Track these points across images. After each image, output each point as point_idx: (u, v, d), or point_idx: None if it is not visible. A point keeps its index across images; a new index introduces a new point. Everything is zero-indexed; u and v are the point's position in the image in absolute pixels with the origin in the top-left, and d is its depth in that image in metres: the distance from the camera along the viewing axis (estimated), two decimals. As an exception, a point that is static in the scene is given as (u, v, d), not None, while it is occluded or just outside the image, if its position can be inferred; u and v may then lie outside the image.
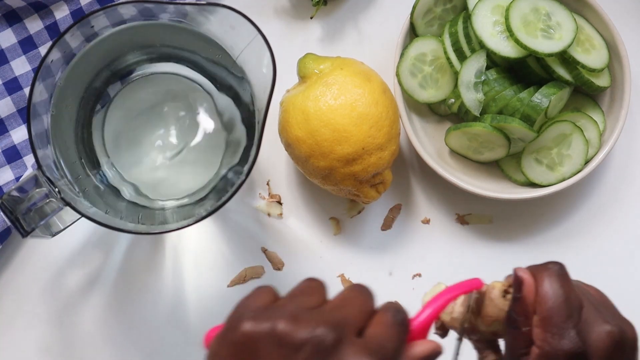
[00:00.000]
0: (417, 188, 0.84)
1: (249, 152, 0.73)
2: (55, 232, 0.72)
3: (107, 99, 0.75)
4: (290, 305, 0.51)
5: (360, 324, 0.51)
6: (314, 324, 0.49)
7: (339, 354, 0.49)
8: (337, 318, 0.50)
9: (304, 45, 0.83)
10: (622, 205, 0.84)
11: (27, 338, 0.82)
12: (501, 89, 0.78)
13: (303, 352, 0.48)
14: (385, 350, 0.50)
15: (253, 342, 0.49)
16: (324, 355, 0.49)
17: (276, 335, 0.49)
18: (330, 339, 0.49)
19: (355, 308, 0.52)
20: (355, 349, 0.49)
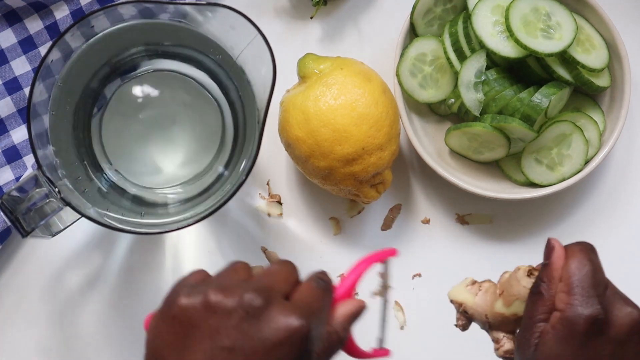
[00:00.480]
0: (417, 188, 0.84)
1: (248, 152, 0.73)
2: (55, 232, 0.72)
3: (103, 101, 0.75)
4: (219, 280, 0.56)
5: (286, 289, 0.56)
6: (242, 291, 0.53)
7: (268, 314, 0.53)
8: (263, 284, 0.55)
9: (304, 45, 0.83)
10: (622, 205, 0.84)
11: (27, 338, 0.82)
12: (501, 89, 0.78)
13: (235, 316, 0.53)
14: (311, 308, 0.55)
15: (189, 314, 0.53)
16: (254, 317, 0.53)
17: (209, 305, 0.53)
18: (259, 302, 0.53)
19: (280, 277, 0.56)
20: (282, 308, 0.53)
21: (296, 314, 0.53)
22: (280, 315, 0.53)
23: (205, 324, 0.53)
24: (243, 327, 0.52)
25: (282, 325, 0.52)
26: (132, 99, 0.76)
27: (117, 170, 0.75)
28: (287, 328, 0.52)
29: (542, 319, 0.58)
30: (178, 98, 0.77)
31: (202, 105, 0.76)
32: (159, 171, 0.77)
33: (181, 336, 0.53)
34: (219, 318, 0.53)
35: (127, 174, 0.76)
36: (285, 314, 0.53)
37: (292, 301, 0.55)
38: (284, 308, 0.53)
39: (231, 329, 0.52)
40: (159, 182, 0.76)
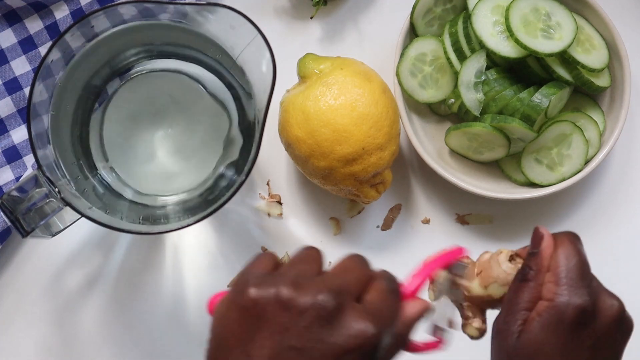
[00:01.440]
0: (417, 188, 0.84)
1: (248, 152, 0.73)
2: (55, 232, 0.72)
3: (105, 97, 0.75)
4: (292, 272, 0.53)
5: (358, 290, 0.54)
6: (316, 290, 0.51)
7: (341, 318, 0.51)
8: (337, 284, 0.52)
9: (304, 45, 0.83)
10: (622, 205, 0.84)
11: (27, 338, 0.82)
12: (501, 89, 0.78)
13: (306, 316, 0.51)
14: (383, 314, 0.53)
15: (259, 306, 0.51)
16: (326, 320, 0.51)
17: (281, 300, 0.51)
18: (332, 305, 0.51)
19: (353, 275, 0.54)
20: (356, 314, 0.51)
21: (369, 321, 0.52)
22: (353, 321, 0.51)
23: (275, 320, 0.51)
24: (314, 329, 0.51)
25: (354, 332, 0.51)
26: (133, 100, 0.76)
27: (112, 168, 0.75)
28: (359, 336, 0.51)
29: (526, 307, 0.58)
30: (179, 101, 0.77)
31: (204, 108, 0.76)
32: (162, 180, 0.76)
33: (249, 327, 0.52)
34: (291, 316, 0.51)
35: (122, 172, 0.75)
36: (358, 321, 0.51)
37: (365, 305, 0.53)
38: (357, 314, 0.52)
39: (302, 329, 0.51)
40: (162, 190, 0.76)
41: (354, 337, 0.51)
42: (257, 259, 0.56)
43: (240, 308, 0.52)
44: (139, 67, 0.75)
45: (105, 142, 0.75)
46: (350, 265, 0.55)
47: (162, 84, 0.76)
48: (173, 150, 0.77)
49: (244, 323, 0.52)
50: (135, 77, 0.76)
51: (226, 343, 0.52)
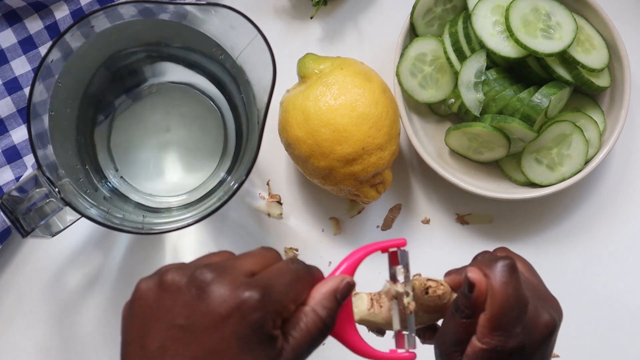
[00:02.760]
0: (417, 188, 0.84)
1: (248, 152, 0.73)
2: (55, 232, 0.72)
3: (110, 110, 0.76)
4: (192, 263, 0.54)
5: (251, 269, 0.53)
6: (194, 267, 0.52)
7: (218, 288, 0.51)
8: (224, 263, 0.53)
9: (304, 45, 0.83)
10: (622, 205, 0.84)
11: (27, 338, 0.82)
12: (501, 89, 0.78)
13: (186, 292, 0.51)
14: (270, 282, 0.52)
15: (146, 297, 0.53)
16: (204, 291, 0.51)
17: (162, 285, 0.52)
18: (209, 276, 0.51)
19: (252, 257, 0.54)
20: (233, 281, 0.51)
21: (246, 286, 0.51)
22: (228, 287, 0.51)
23: (160, 305, 0.52)
24: (193, 303, 0.51)
25: (227, 296, 0.50)
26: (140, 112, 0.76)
27: (122, 177, 0.76)
28: (233, 299, 0.50)
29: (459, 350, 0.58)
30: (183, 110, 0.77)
31: (206, 115, 0.76)
32: (166, 181, 0.77)
33: (141, 321, 0.52)
34: (172, 297, 0.52)
35: (133, 181, 0.76)
36: (234, 286, 0.51)
37: (253, 277, 0.52)
38: (235, 281, 0.51)
39: (182, 306, 0.51)
40: (165, 191, 0.77)
41: (228, 302, 0.50)
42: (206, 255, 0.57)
43: (132, 304, 0.53)
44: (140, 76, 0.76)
45: (114, 153, 0.76)
46: (254, 251, 0.55)
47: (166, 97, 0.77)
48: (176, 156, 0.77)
49: (137, 318, 0.53)
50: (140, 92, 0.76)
51: (128, 343, 0.53)
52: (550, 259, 0.83)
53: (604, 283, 0.83)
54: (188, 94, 0.77)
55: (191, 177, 0.77)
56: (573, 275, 0.83)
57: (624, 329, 0.83)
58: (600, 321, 0.83)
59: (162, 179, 0.77)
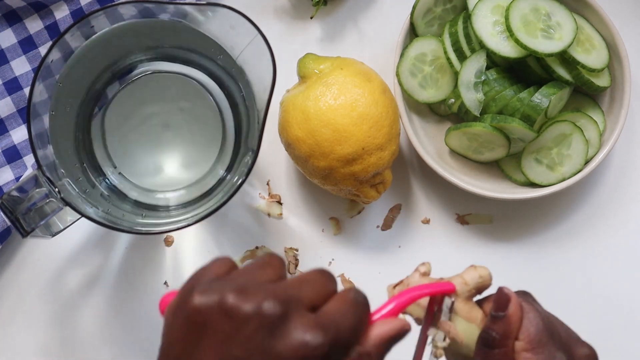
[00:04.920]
0: (417, 188, 0.84)
1: (247, 152, 0.73)
2: (55, 232, 0.73)
3: (105, 101, 0.76)
4: (242, 278, 0.50)
5: (314, 301, 0.50)
6: (262, 297, 0.48)
7: (286, 327, 0.48)
8: (287, 292, 0.49)
9: (304, 45, 0.83)
10: (622, 205, 0.84)
11: (27, 338, 0.82)
12: (501, 89, 0.78)
13: (249, 324, 0.48)
14: (338, 327, 0.49)
15: (203, 314, 0.49)
16: (269, 329, 0.48)
17: (224, 308, 0.48)
18: (277, 312, 0.48)
19: (311, 286, 0.51)
20: (303, 323, 0.48)
21: (315, 330, 0.48)
22: (297, 330, 0.48)
23: (218, 328, 0.48)
24: (257, 338, 0.48)
25: (296, 343, 0.47)
26: (133, 102, 0.76)
27: (120, 173, 0.76)
28: (300, 346, 0.47)
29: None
30: (179, 101, 0.77)
31: (203, 108, 0.76)
32: (162, 174, 0.77)
33: (193, 336, 0.49)
34: (234, 324, 0.48)
35: (131, 175, 0.76)
36: (303, 330, 0.48)
37: (319, 314, 0.49)
38: (304, 322, 0.48)
39: (244, 338, 0.48)
40: (162, 184, 0.76)
41: (295, 348, 0.47)
42: (210, 263, 0.53)
43: (184, 316, 0.50)
44: (137, 70, 0.76)
45: (109, 148, 0.76)
46: (311, 277, 0.52)
47: (161, 86, 0.76)
48: (173, 149, 0.77)
49: (187, 332, 0.49)
50: (134, 80, 0.76)
51: (172, 352, 0.50)
52: (550, 259, 0.83)
53: (604, 283, 0.83)
54: (185, 86, 0.76)
55: (188, 172, 0.77)
56: (573, 275, 0.83)
57: (625, 329, 0.83)
58: (601, 321, 0.82)
59: (159, 173, 0.77)
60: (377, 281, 0.83)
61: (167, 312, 0.51)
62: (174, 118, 0.77)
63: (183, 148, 0.77)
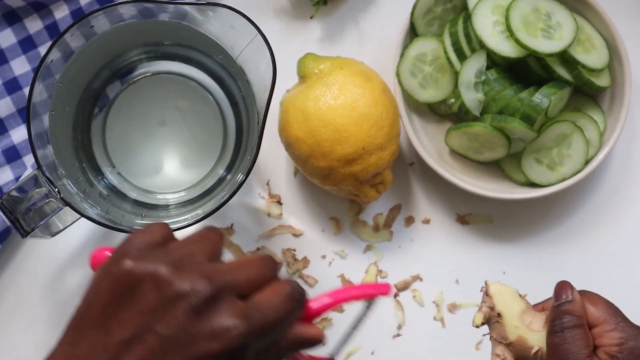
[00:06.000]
0: (417, 188, 0.84)
1: (248, 152, 0.73)
2: (55, 232, 0.73)
3: (105, 101, 0.75)
4: (179, 252, 0.50)
5: (247, 288, 0.50)
6: (196, 276, 0.48)
7: (212, 311, 0.48)
8: (223, 277, 0.49)
9: (304, 45, 0.83)
10: (623, 205, 0.84)
11: (27, 338, 0.82)
12: (501, 88, 0.78)
13: (177, 302, 0.48)
14: (263, 319, 0.49)
15: (132, 281, 0.48)
16: (196, 310, 0.48)
17: (156, 280, 0.48)
18: (206, 294, 0.48)
19: (247, 272, 0.50)
20: (230, 310, 0.48)
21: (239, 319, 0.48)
22: (221, 316, 0.48)
23: (144, 299, 0.48)
24: (181, 317, 0.47)
25: (217, 327, 0.47)
26: (134, 103, 0.76)
27: (119, 173, 0.76)
28: (221, 332, 0.47)
29: (588, 354, 0.58)
30: (180, 102, 0.77)
31: (204, 108, 0.76)
32: (163, 175, 0.77)
33: (116, 301, 0.48)
34: (161, 298, 0.48)
35: (130, 176, 0.76)
36: (230, 316, 0.48)
37: (248, 303, 0.49)
38: (233, 309, 0.48)
39: (169, 314, 0.47)
40: (162, 185, 0.76)
41: (215, 333, 0.47)
42: (146, 228, 0.51)
43: (112, 278, 0.49)
44: (138, 71, 0.76)
45: (109, 148, 0.76)
46: (250, 262, 0.51)
47: (162, 87, 0.76)
48: (173, 150, 0.77)
49: (113, 294, 0.48)
50: (135, 81, 0.76)
51: (90, 313, 0.49)
52: (551, 259, 0.83)
53: (605, 283, 0.83)
54: (186, 87, 0.76)
55: (189, 173, 0.77)
56: (573, 275, 0.83)
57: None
58: (601, 321, 0.82)
59: (160, 174, 0.77)
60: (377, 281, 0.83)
61: (98, 272, 0.50)
62: (174, 119, 0.77)
63: (184, 149, 0.77)
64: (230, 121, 0.76)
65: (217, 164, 0.76)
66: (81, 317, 0.49)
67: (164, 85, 0.76)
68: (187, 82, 0.76)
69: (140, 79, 0.76)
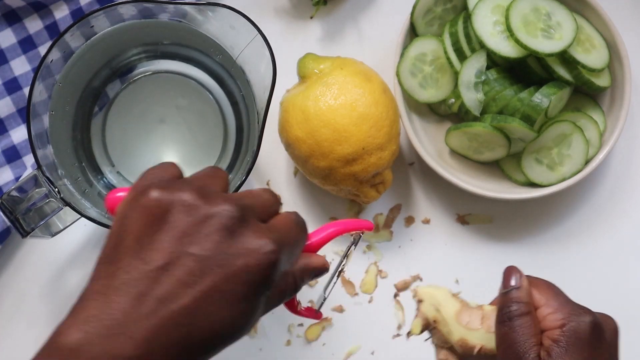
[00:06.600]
0: (417, 188, 0.84)
1: (248, 152, 0.73)
2: (55, 232, 0.73)
3: (105, 100, 0.75)
4: (198, 182, 0.52)
5: (263, 213, 0.53)
6: (222, 201, 0.50)
7: (243, 232, 0.50)
8: (242, 202, 0.51)
9: (304, 45, 0.83)
10: (623, 205, 0.84)
11: (27, 338, 0.82)
12: (501, 88, 0.78)
13: (210, 224, 0.50)
14: (285, 239, 0.52)
15: (162, 208, 0.50)
16: (229, 231, 0.50)
17: (185, 204, 0.50)
18: (237, 216, 0.50)
19: (261, 199, 0.53)
20: (258, 229, 0.51)
21: (270, 239, 0.50)
22: (254, 235, 0.50)
23: (176, 223, 0.49)
24: (215, 237, 0.49)
25: (254, 246, 0.50)
26: (134, 102, 0.76)
27: (119, 172, 0.75)
28: (259, 250, 0.50)
29: (535, 342, 0.56)
30: (180, 101, 0.77)
31: (204, 108, 0.76)
32: None
33: (148, 229, 0.49)
34: (193, 222, 0.49)
35: (130, 175, 0.76)
36: (260, 236, 0.50)
37: (269, 225, 0.52)
38: (260, 229, 0.51)
39: (203, 236, 0.49)
40: None
41: (251, 251, 0.49)
42: (160, 166, 0.54)
43: (141, 208, 0.50)
44: (138, 70, 0.75)
45: (109, 147, 0.75)
46: (259, 192, 0.54)
47: (162, 86, 0.76)
48: (173, 149, 0.77)
49: (143, 224, 0.49)
50: (135, 80, 0.76)
51: (123, 243, 0.49)
52: (550, 259, 0.83)
53: (605, 283, 0.83)
54: (186, 86, 0.76)
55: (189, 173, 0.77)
56: (573, 275, 0.83)
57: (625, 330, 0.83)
58: (601, 321, 0.82)
59: None
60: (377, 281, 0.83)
61: (123, 205, 0.51)
62: (174, 118, 0.77)
63: (184, 148, 0.77)
64: (230, 121, 0.76)
65: (217, 164, 0.76)
66: (114, 250, 0.50)
67: (163, 84, 0.76)
68: (187, 82, 0.76)
69: (140, 78, 0.76)
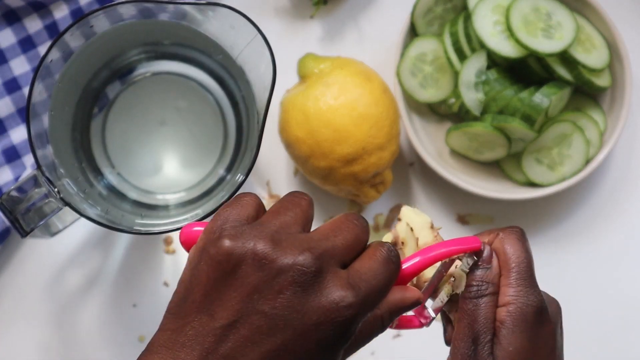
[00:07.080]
0: (417, 188, 0.84)
1: (247, 152, 0.73)
2: (54, 232, 0.72)
3: (105, 101, 0.75)
4: (273, 223, 0.48)
5: (346, 256, 0.48)
6: (297, 251, 0.46)
7: (319, 286, 0.46)
8: (322, 247, 0.47)
9: (304, 45, 0.83)
10: (623, 205, 0.84)
11: (27, 338, 0.82)
12: (502, 88, 0.78)
13: (282, 279, 0.46)
14: (368, 288, 0.47)
15: (232, 261, 0.46)
16: (302, 286, 0.46)
17: (257, 258, 0.46)
18: (312, 269, 0.46)
19: (344, 238, 0.48)
20: (337, 282, 0.46)
21: (347, 290, 0.46)
22: (329, 289, 0.46)
23: (247, 279, 0.46)
24: (287, 294, 0.46)
25: (327, 302, 0.46)
26: (135, 103, 0.76)
27: (119, 173, 0.75)
28: (333, 305, 0.45)
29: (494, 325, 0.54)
30: (180, 102, 0.77)
31: (204, 108, 0.76)
32: (162, 175, 0.77)
33: (217, 283, 0.46)
34: (264, 277, 0.46)
35: (130, 176, 0.76)
36: (337, 289, 0.46)
37: (351, 272, 0.47)
38: (338, 281, 0.46)
39: (274, 293, 0.46)
40: (162, 186, 0.76)
41: (327, 309, 0.46)
42: (237, 201, 0.49)
43: (211, 259, 0.47)
44: (138, 70, 0.75)
45: (109, 148, 0.75)
46: (344, 224, 0.49)
47: (162, 88, 0.76)
48: (173, 150, 0.77)
49: (213, 277, 0.47)
50: (134, 81, 0.76)
51: (191, 296, 0.47)
52: (550, 258, 0.83)
53: (605, 283, 0.83)
54: (186, 87, 0.76)
55: (189, 173, 0.77)
56: (573, 275, 0.83)
57: (625, 330, 0.83)
58: (601, 322, 0.82)
59: (159, 175, 0.77)
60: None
61: (193, 252, 0.48)
62: (174, 119, 0.77)
63: (184, 149, 0.77)
64: (230, 121, 0.76)
65: (217, 164, 0.76)
66: (182, 302, 0.48)
67: (163, 85, 0.76)
68: (187, 82, 0.76)
69: (140, 79, 0.76)
